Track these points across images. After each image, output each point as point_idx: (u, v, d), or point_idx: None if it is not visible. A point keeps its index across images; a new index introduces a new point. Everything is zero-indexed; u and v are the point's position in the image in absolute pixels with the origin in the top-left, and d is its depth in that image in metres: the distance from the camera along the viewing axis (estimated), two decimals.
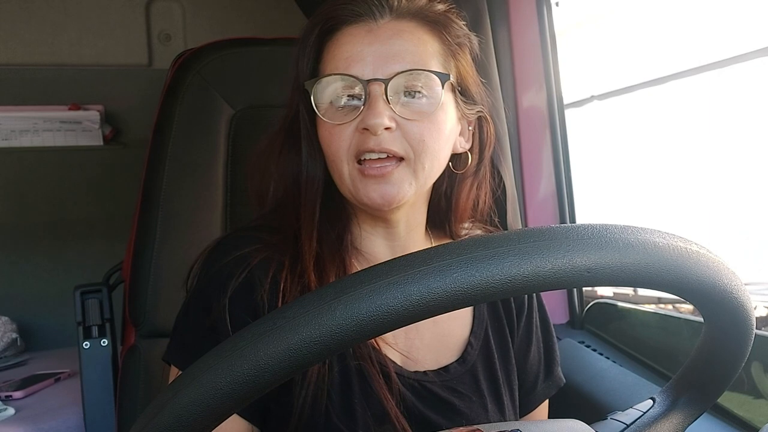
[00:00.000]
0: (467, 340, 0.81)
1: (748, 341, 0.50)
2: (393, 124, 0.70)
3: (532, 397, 0.88)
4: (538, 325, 0.88)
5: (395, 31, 0.72)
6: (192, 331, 0.76)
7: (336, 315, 0.38)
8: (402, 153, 0.71)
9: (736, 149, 1.38)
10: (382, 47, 0.71)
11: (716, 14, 1.30)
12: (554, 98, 1.33)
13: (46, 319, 2.05)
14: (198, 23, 2.24)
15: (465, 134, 0.80)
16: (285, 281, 0.74)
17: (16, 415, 1.36)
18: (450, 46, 0.76)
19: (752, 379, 0.92)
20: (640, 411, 0.56)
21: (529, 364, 0.87)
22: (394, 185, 0.71)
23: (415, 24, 0.74)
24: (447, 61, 0.75)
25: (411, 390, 0.76)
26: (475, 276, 0.38)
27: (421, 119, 0.71)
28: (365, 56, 0.71)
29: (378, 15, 0.73)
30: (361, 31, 0.73)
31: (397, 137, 0.71)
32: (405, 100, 0.71)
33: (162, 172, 1.10)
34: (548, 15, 1.33)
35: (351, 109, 0.71)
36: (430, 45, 0.74)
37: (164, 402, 0.40)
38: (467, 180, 0.82)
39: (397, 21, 0.73)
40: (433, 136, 0.72)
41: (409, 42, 0.72)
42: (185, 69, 1.15)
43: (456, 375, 0.79)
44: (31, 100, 2.15)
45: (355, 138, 0.71)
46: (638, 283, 0.42)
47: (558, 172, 1.35)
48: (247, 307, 0.73)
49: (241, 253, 0.75)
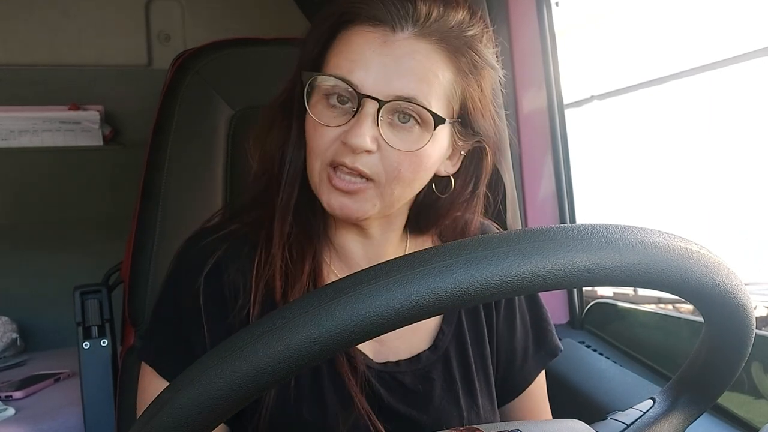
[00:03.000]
0: (439, 327, 0.81)
1: (748, 341, 0.50)
2: (374, 146, 0.68)
3: (525, 370, 0.87)
4: (523, 300, 0.87)
5: (410, 51, 0.68)
6: (160, 329, 0.78)
7: (335, 315, 0.38)
8: (373, 176, 0.69)
9: (736, 149, 1.38)
10: (390, 63, 0.67)
11: (716, 14, 1.30)
12: (554, 98, 1.33)
13: (46, 320, 2.05)
14: (198, 23, 2.24)
15: (454, 158, 0.76)
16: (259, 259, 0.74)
17: (15, 415, 1.36)
18: (465, 77, 0.71)
19: (752, 379, 0.91)
20: (640, 411, 0.56)
21: (516, 339, 0.86)
22: (357, 203, 0.70)
23: (435, 48, 0.69)
24: (454, 92, 0.71)
25: (381, 383, 0.76)
26: (475, 276, 0.38)
27: (405, 150, 0.69)
28: (371, 66, 0.67)
29: (398, 28, 0.68)
30: (376, 39, 0.68)
31: (374, 160, 0.69)
32: (395, 124, 0.69)
33: (161, 172, 1.10)
34: (548, 15, 1.33)
35: (340, 114, 0.69)
36: (442, 74, 0.70)
37: (164, 402, 0.40)
38: (453, 203, 0.79)
39: (416, 40, 0.68)
40: (411, 168, 0.70)
41: (420, 66, 0.68)
42: (185, 69, 1.15)
43: (428, 363, 0.79)
44: (31, 101, 2.15)
45: (335, 145, 0.69)
46: (638, 284, 0.42)
47: (558, 172, 1.35)
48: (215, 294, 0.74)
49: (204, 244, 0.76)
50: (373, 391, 0.75)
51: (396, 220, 0.79)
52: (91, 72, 2.20)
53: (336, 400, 0.74)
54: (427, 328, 0.81)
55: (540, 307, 0.89)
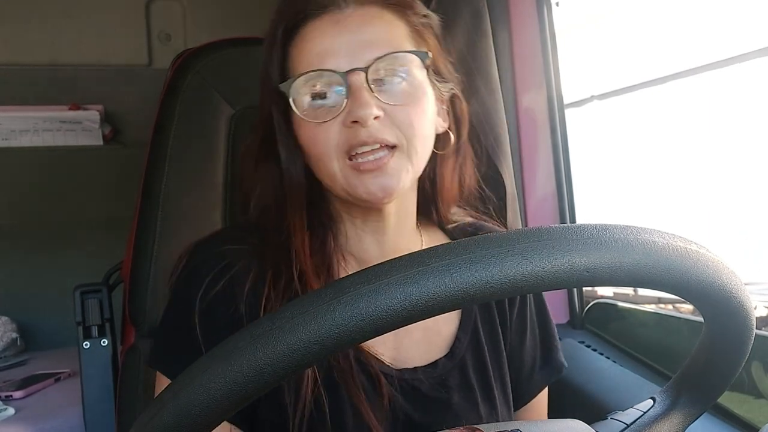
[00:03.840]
0: (455, 335, 0.81)
1: (748, 341, 0.50)
2: (381, 112, 0.68)
3: (531, 384, 0.87)
4: (533, 312, 0.87)
5: (363, 18, 0.71)
6: (172, 335, 0.77)
7: (336, 315, 0.38)
8: (395, 141, 0.69)
9: (736, 149, 1.38)
10: (353, 36, 0.69)
11: (716, 14, 1.30)
12: (554, 98, 1.33)
13: (46, 319, 2.05)
14: (198, 23, 2.24)
15: (441, 114, 0.78)
16: (268, 292, 0.73)
17: (16, 414, 1.36)
18: (416, 27, 0.74)
19: (752, 379, 0.91)
20: (640, 411, 0.56)
21: (526, 352, 0.86)
22: (393, 176, 0.70)
23: (380, 8, 0.72)
24: (418, 41, 0.74)
25: (400, 391, 0.75)
26: (475, 276, 0.38)
27: (407, 103, 0.70)
28: (337, 48, 0.69)
29: (343, 3, 0.71)
30: (328, 23, 0.70)
31: (387, 125, 0.69)
32: (387, 86, 0.69)
33: (162, 172, 1.10)
34: (548, 15, 1.33)
35: (333, 104, 0.69)
36: (399, 28, 0.73)
37: (164, 402, 0.40)
38: (449, 160, 0.81)
39: (362, 8, 0.71)
40: (420, 118, 0.71)
41: (378, 27, 0.71)
42: (185, 69, 1.15)
43: (445, 370, 0.78)
44: (31, 100, 2.15)
45: (344, 133, 0.69)
46: (638, 283, 0.42)
47: (558, 172, 1.35)
48: (226, 318, 0.73)
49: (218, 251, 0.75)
50: (391, 401, 0.74)
51: (408, 203, 0.79)
52: (92, 72, 2.20)
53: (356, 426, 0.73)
54: (443, 336, 0.81)
55: (549, 323, 0.89)
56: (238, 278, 0.74)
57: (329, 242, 0.77)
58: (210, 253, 0.76)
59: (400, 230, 0.79)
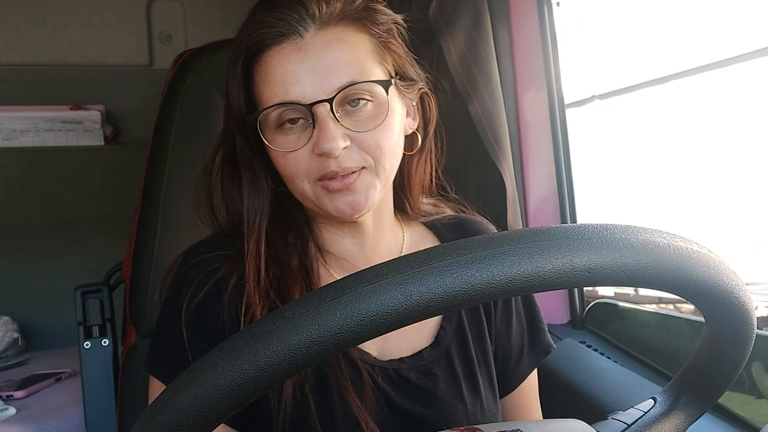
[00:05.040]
0: (440, 324, 0.82)
1: (749, 341, 0.50)
2: (347, 142, 0.69)
3: (520, 368, 0.89)
4: (518, 299, 0.89)
5: (324, 42, 0.70)
6: (165, 340, 0.77)
7: (336, 315, 0.38)
8: (363, 164, 0.71)
9: (738, 149, 1.38)
10: (315, 62, 0.69)
11: (717, 14, 1.30)
12: (555, 98, 1.33)
13: (47, 319, 2.06)
14: (199, 23, 2.24)
15: (411, 113, 0.79)
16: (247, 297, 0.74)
17: (17, 414, 1.36)
18: (380, 38, 0.74)
19: (753, 379, 0.91)
20: (641, 411, 0.56)
21: (513, 337, 0.88)
22: (361, 194, 0.72)
23: (342, 28, 0.72)
24: (382, 55, 0.74)
25: (388, 381, 0.77)
26: (475, 276, 0.38)
27: (374, 127, 0.71)
28: (301, 76, 0.69)
29: (302, 30, 0.70)
30: (290, 50, 0.70)
31: (355, 152, 0.70)
32: (353, 110, 0.70)
33: (162, 172, 1.10)
34: (549, 14, 1.33)
35: (301, 131, 0.71)
36: (362, 46, 0.72)
37: (164, 402, 0.40)
38: (415, 157, 0.82)
39: (323, 31, 0.70)
40: (388, 139, 0.72)
41: (341, 51, 0.70)
42: (186, 69, 1.15)
43: (430, 359, 0.80)
44: (32, 100, 2.15)
45: (314, 162, 0.70)
46: (639, 283, 0.42)
47: (559, 172, 1.34)
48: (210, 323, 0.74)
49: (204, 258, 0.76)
50: (379, 389, 0.76)
51: (383, 207, 0.81)
52: (93, 72, 2.20)
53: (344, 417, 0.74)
54: (428, 326, 0.82)
55: (534, 306, 0.91)
56: (221, 284, 0.75)
57: (309, 244, 0.79)
58: (197, 261, 0.77)
59: (379, 229, 0.81)
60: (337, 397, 0.74)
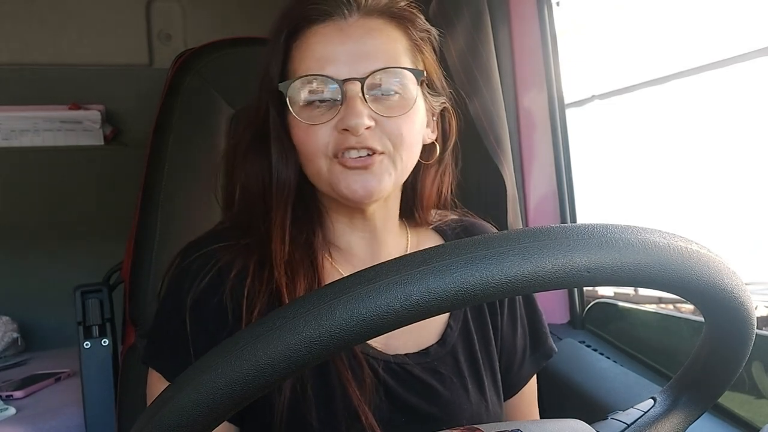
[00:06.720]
0: (446, 323, 0.83)
1: (749, 341, 0.50)
2: (372, 122, 0.71)
3: (522, 371, 0.89)
4: (521, 303, 0.90)
5: (366, 29, 0.73)
6: (165, 333, 0.78)
7: (336, 315, 0.38)
8: (382, 149, 0.72)
9: (738, 149, 1.38)
10: (354, 46, 0.72)
11: (717, 14, 1.30)
12: (555, 98, 1.33)
13: (47, 319, 2.05)
14: (198, 23, 2.24)
15: (431, 125, 0.81)
16: (251, 285, 0.74)
17: (16, 414, 1.36)
18: (416, 41, 0.77)
19: (753, 379, 0.91)
20: (640, 411, 0.56)
21: (518, 341, 0.89)
22: (376, 176, 0.72)
23: (383, 21, 0.75)
24: (415, 56, 0.77)
25: (391, 374, 0.77)
26: (475, 276, 0.38)
27: (398, 115, 0.72)
28: (338, 56, 0.72)
29: (347, 13, 0.73)
30: (332, 31, 0.73)
31: (377, 134, 0.72)
32: (381, 97, 0.72)
33: (162, 172, 1.10)
34: (549, 15, 1.33)
35: (327, 109, 0.72)
36: (399, 42, 0.75)
37: (164, 402, 0.40)
38: (431, 169, 0.84)
39: (366, 19, 0.74)
40: (409, 130, 0.74)
41: (379, 40, 0.73)
42: (185, 69, 1.15)
43: (437, 357, 0.80)
44: (32, 100, 2.15)
45: (334, 137, 0.72)
46: (638, 283, 0.42)
47: (559, 172, 1.35)
48: (211, 310, 0.75)
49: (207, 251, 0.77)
50: (383, 383, 0.76)
51: (392, 206, 0.82)
52: (92, 71, 2.20)
53: (344, 410, 0.74)
54: (435, 324, 0.82)
55: (536, 310, 0.91)
56: (223, 272, 0.76)
57: (316, 236, 0.80)
58: (200, 252, 0.78)
59: (387, 228, 0.82)
60: (337, 388, 0.74)
